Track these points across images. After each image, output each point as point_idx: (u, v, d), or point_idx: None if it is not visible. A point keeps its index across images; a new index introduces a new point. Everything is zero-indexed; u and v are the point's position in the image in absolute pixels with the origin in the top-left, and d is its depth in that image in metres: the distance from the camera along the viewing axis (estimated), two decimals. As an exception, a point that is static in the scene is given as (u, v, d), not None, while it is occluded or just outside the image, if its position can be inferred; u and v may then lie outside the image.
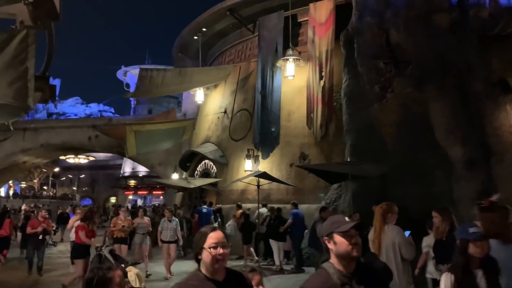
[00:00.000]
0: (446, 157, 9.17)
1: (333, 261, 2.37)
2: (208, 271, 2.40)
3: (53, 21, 3.72)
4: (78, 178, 57.04)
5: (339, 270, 2.32)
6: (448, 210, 4.89)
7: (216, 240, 2.41)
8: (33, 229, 10.27)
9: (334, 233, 2.35)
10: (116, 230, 9.92)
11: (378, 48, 10.46)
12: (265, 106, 15.65)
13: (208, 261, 2.38)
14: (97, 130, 24.78)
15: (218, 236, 2.44)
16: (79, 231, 7.87)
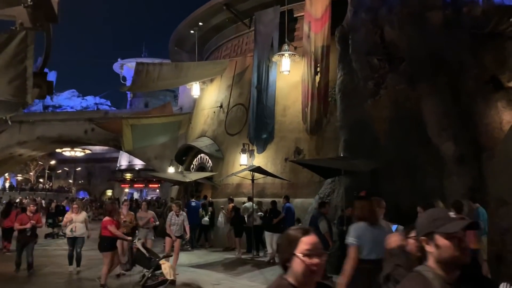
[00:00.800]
0: (437, 153, 9.33)
1: (432, 265, 1.95)
2: (298, 282, 1.95)
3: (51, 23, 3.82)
4: (74, 171, 57.09)
5: (440, 276, 1.92)
6: (433, 206, 5.04)
7: (311, 247, 1.96)
8: (21, 225, 9.64)
9: (436, 234, 1.92)
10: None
11: (372, 44, 10.58)
12: (260, 101, 15.76)
13: (299, 271, 1.93)
14: (93, 124, 24.80)
15: (313, 241, 1.98)
16: (107, 226, 7.97)
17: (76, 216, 9.71)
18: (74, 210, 9.83)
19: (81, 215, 9.87)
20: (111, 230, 7.93)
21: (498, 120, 9.54)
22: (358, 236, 4.29)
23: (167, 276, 7.68)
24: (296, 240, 1.98)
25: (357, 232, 4.32)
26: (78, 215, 9.79)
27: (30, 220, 9.70)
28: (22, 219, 9.86)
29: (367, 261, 4.17)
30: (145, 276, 7.68)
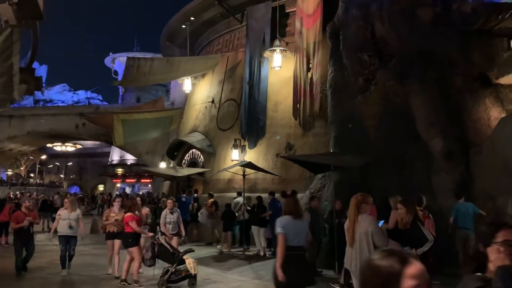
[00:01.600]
0: (426, 149, 9.43)
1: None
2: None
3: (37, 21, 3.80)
4: (65, 165, 56.69)
5: None
6: (412, 203, 5.26)
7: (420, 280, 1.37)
8: (17, 224, 8.87)
9: None
10: (109, 224, 8.81)
11: (363, 40, 10.62)
12: (252, 97, 15.77)
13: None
14: (84, 118, 24.69)
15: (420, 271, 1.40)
16: (129, 222, 7.90)
17: (69, 214, 8.86)
18: (67, 207, 8.98)
19: (75, 213, 8.96)
20: (132, 226, 7.85)
21: (486, 117, 9.65)
22: (283, 227, 4.94)
23: (191, 271, 7.77)
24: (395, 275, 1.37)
25: (282, 223, 4.99)
26: (72, 213, 8.91)
27: (26, 217, 8.94)
28: (18, 217, 9.01)
29: (292, 247, 4.88)
30: (169, 271, 7.75)
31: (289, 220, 5.00)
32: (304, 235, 5.04)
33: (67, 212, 8.86)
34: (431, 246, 4.97)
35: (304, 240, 5.05)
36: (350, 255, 4.95)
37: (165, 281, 7.66)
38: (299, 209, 5.20)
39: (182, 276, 7.77)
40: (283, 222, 5.04)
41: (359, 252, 4.79)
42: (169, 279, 7.67)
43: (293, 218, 5.01)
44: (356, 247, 4.75)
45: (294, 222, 4.99)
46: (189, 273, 7.77)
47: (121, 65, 48.76)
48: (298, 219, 5.07)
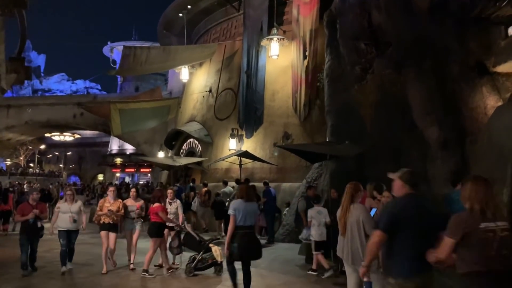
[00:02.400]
0: (422, 137, 9.41)
1: None
2: None
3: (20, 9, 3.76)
4: (64, 155, 56.73)
5: None
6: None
7: None
8: (23, 217, 7.99)
9: None
10: (103, 214, 8.26)
11: (359, 29, 10.55)
12: (249, 86, 15.71)
13: None
14: (82, 108, 24.66)
15: None
16: (158, 211, 7.91)
17: (70, 206, 8.14)
18: (68, 199, 8.24)
19: (76, 205, 8.23)
20: (162, 216, 7.88)
21: (482, 105, 9.61)
22: (234, 209, 5.86)
23: (217, 258, 7.94)
24: None
25: (234, 206, 5.94)
26: (73, 205, 8.20)
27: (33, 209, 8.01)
28: (24, 208, 8.14)
29: (241, 227, 5.84)
30: (196, 259, 7.90)
31: (241, 202, 5.94)
32: (253, 216, 6.08)
33: (67, 204, 8.17)
34: None
35: (253, 220, 6.10)
36: (342, 243, 4.98)
37: (192, 269, 7.83)
38: (250, 194, 6.14)
39: (208, 264, 7.98)
40: (235, 204, 5.95)
41: (351, 240, 4.82)
42: (196, 266, 7.84)
43: (244, 201, 5.96)
44: (348, 235, 4.78)
45: (245, 205, 5.92)
46: (215, 261, 7.99)
47: (119, 54, 48.53)
48: (249, 202, 6.00)
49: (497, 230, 2.87)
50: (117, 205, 8.35)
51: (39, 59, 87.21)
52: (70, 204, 8.16)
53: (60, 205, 8.30)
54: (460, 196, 3.18)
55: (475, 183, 3.07)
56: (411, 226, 3.37)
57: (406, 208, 3.49)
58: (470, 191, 3.04)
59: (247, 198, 5.99)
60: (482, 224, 2.89)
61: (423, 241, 3.29)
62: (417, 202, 3.54)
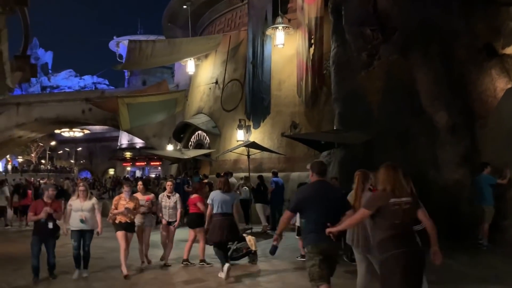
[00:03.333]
0: (430, 122, 9.33)
1: None
2: None
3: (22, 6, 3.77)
4: (75, 151, 57.27)
5: None
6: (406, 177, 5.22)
7: None
8: (36, 216, 7.06)
9: None
10: (118, 213, 7.44)
11: (365, 14, 10.43)
12: (256, 76, 15.62)
13: None
14: (90, 103, 24.79)
15: None
16: (197, 202, 8.01)
17: (82, 203, 7.28)
18: (81, 195, 7.36)
19: (89, 202, 7.34)
20: (200, 207, 7.99)
21: (492, 88, 9.49)
22: (212, 199, 6.97)
23: (252, 248, 8.09)
24: None
25: (212, 196, 7.04)
26: (85, 202, 7.30)
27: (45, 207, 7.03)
28: (37, 206, 7.20)
29: (217, 214, 6.94)
30: (231, 249, 7.99)
31: (218, 193, 7.02)
32: (229, 205, 7.01)
33: (79, 201, 7.31)
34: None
35: (230, 208, 7.01)
36: (353, 231, 4.96)
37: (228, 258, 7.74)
38: (227, 185, 7.14)
39: (243, 253, 8.14)
40: (213, 195, 7.04)
41: (362, 228, 4.80)
42: (231, 256, 7.87)
43: (221, 192, 7.02)
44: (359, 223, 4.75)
45: (222, 195, 6.98)
46: (249, 250, 8.12)
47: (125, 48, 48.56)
48: (226, 193, 7.05)
49: (401, 204, 3.69)
50: (134, 203, 7.57)
51: (47, 56, 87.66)
52: (83, 202, 7.28)
53: (72, 202, 7.43)
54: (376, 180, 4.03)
55: (387, 169, 3.80)
56: (315, 206, 4.24)
57: (311, 192, 4.36)
58: (383, 175, 3.81)
59: (224, 189, 7.05)
60: (391, 200, 3.68)
61: (325, 217, 4.14)
62: (320, 187, 4.35)
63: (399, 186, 3.73)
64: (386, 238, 3.73)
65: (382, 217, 3.74)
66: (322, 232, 4.04)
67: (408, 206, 3.71)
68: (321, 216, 4.18)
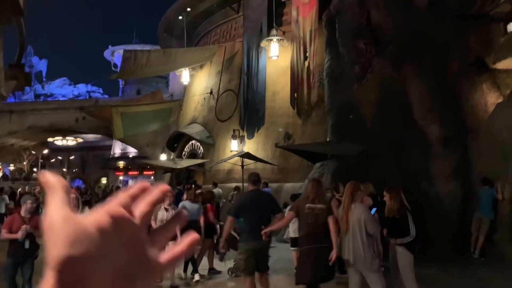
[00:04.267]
0: (423, 135, 9.41)
1: None
2: None
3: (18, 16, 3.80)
4: (67, 159, 56.83)
5: None
6: (396, 190, 5.26)
7: None
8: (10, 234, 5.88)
9: None
10: None
11: (359, 28, 10.55)
12: (250, 87, 15.72)
13: None
14: (84, 112, 24.71)
15: None
16: (207, 213, 8.03)
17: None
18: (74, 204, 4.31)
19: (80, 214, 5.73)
20: (210, 217, 8.03)
21: (483, 102, 9.63)
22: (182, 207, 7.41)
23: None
24: None
25: (181, 205, 7.65)
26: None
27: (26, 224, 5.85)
28: (13, 222, 5.99)
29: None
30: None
31: (187, 202, 7.71)
32: (195, 213, 7.57)
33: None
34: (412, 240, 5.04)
35: (195, 216, 7.52)
36: (343, 242, 4.98)
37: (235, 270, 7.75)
38: (195, 196, 7.90)
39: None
40: (182, 204, 7.79)
41: (352, 240, 4.81)
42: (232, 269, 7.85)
43: (190, 202, 7.72)
44: (349, 235, 4.78)
45: (190, 204, 7.62)
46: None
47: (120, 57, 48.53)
48: (194, 203, 7.76)
49: (315, 209, 4.82)
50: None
51: (41, 64, 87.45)
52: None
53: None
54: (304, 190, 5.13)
55: (313, 183, 5.08)
56: (249, 211, 5.16)
57: (248, 199, 5.41)
58: (309, 187, 5.11)
59: (192, 200, 7.80)
60: (307, 205, 4.83)
61: (258, 220, 5.05)
62: (255, 195, 5.38)
63: (319, 196, 4.91)
64: (303, 235, 4.90)
65: (300, 218, 4.92)
66: (254, 232, 4.99)
67: (320, 212, 4.83)
68: (254, 219, 5.11)
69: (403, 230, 5.05)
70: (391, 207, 5.16)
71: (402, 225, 5.06)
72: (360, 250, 4.66)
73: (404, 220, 5.07)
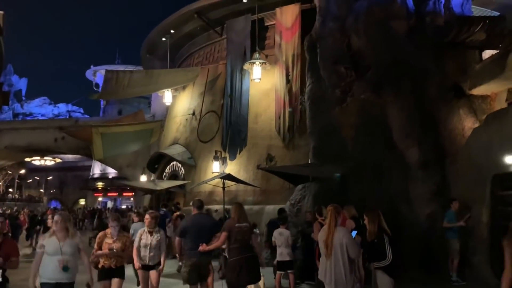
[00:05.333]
0: (402, 158, 9.55)
1: None
2: None
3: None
4: (45, 180, 55.62)
5: None
6: (375, 213, 5.34)
7: None
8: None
9: None
10: (102, 255, 5.93)
11: (339, 53, 10.78)
12: (233, 109, 15.80)
13: None
14: (63, 132, 24.35)
15: None
16: None
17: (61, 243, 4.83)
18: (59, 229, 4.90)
19: (71, 241, 4.92)
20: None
21: (460, 127, 9.85)
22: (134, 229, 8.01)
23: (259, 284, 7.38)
24: None
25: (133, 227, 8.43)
26: (66, 241, 4.88)
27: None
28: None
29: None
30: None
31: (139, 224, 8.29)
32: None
33: (55, 240, 4.84)
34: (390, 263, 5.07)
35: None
36: (325, 266, 4.93)
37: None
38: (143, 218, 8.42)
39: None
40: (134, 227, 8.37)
41: (334, 263, 4.77)
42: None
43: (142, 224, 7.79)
44: (331, 259, 4.74)
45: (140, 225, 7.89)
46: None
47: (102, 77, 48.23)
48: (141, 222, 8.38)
49: (242, 227, 5.89)
50: (123, 241, 5.97)
51: (21, 83, 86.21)
52: (63, 240, 4.85)
53: (44, 241, 4.90)
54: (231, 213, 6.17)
55: (236, 206, 6.14)
56: (191, 231, 6.15)
57: (190, 222, 6.38)
58: (234, 209, 6.12)
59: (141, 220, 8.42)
60: (236, 225, 5.87)
61: (198, 239, 5.96)
62: (197, 218, 6.34)
63: (243, 217, 5.96)
64: (233, 248, 5.86)
65: (232, 236, 5.84)
66: (195, 249, 5.93)
67: (246, 229, 5.93)
68: (195, 238, 6.02)
69: (380, 253, 5.07)
70: (370, 230, 5.18)
71: (379, 248, 5.07)
72: (342, 274, 4.63)
73: (381, 244, 5.09)
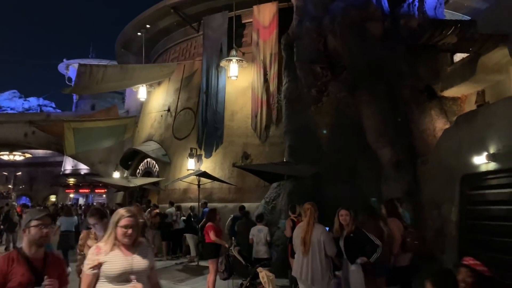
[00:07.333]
0: (375, 158, 9.70)
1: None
2: None
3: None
4: (14, 175, 54.04)
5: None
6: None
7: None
8: None
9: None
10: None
11: (315, 53, 10.86)
12: (209, 106, 15.70)
13: None
14: (34, 126, 23.70)
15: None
16: (208, 231, 7.67)
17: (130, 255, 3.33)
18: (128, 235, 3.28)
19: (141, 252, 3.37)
20: (211, 236, 7.67)
21: (431, 127, 10.07)
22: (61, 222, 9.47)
23: (265, 286, 7.33)
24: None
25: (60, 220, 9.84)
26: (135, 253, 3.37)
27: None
28: None
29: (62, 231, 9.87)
30: (243, 285, 7.56)
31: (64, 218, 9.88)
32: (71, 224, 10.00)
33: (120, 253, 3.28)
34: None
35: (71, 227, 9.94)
36: (301, 262, 4.96)
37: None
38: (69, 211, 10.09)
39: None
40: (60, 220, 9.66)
41: (311, 260, 4.81)
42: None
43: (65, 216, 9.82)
44: (309, 256, 4.78)
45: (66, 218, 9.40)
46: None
47: (75, 71, 47.12)
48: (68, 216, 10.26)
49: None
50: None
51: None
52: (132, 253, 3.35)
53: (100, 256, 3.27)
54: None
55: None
56: None
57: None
58: None
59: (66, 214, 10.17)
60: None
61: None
62: None
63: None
64: None
65: None
66: None
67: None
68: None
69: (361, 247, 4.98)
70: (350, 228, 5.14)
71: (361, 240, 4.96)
72: (318, 271, 4.68)
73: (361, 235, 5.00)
